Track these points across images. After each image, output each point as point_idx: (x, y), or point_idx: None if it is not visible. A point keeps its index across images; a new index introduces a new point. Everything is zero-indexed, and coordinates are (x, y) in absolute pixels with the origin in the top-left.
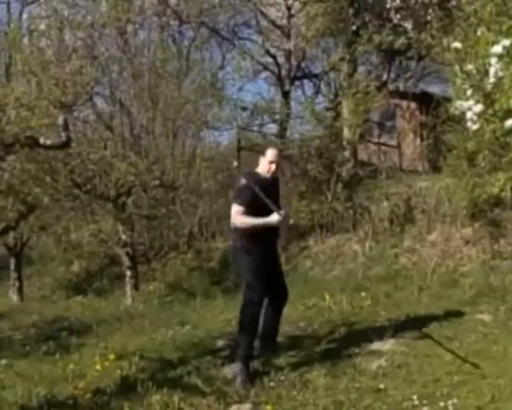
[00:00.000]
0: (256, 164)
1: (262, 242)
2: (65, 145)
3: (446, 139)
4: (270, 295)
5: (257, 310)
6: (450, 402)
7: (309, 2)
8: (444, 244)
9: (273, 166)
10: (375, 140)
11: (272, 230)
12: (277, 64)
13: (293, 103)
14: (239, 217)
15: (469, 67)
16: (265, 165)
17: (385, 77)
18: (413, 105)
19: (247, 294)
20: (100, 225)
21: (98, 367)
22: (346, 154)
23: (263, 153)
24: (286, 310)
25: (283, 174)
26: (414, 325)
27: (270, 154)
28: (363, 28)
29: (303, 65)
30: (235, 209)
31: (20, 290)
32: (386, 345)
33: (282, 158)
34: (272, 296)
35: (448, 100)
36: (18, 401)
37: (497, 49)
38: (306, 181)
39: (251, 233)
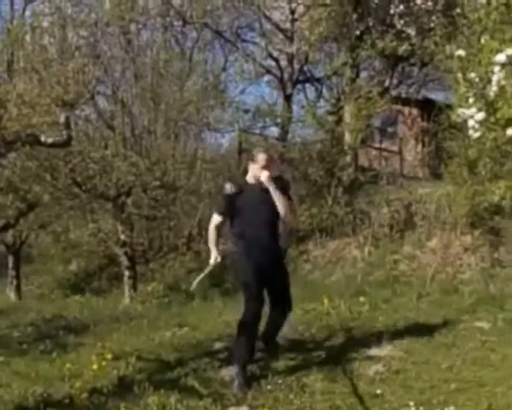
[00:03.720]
0: None
1: (253, 244)
2: (66, 144)
3: (447, 146)
4: (272, 303)
5: (256, 313)
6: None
7: (312, 6)
8: (443, 251)
9: (266, 172)
10: (377, 145)
11: (265, 233)
12: (280, 67)
13: (295, 107)
14: (210, 226)
15: (472, 74)
16: (257, 171)
17: (387, 82)
18: (415, 111)
19: (246, 297)
20: (99, 224)
21: (95, 367)
22: (347, 158)
23: (252, 158)
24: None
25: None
26: (412, 331)
27: (262, 159)
28: (366, 33)
29: (305, 69)
30: (213, 217)
31: (18, 288)
32: (384, 351)
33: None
34: (274, 305)
35: (450, 107)
36: (14, 399)
37: (501, 57)
38: (307, 185)
39: (242, 236)
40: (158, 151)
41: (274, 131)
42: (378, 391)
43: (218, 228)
